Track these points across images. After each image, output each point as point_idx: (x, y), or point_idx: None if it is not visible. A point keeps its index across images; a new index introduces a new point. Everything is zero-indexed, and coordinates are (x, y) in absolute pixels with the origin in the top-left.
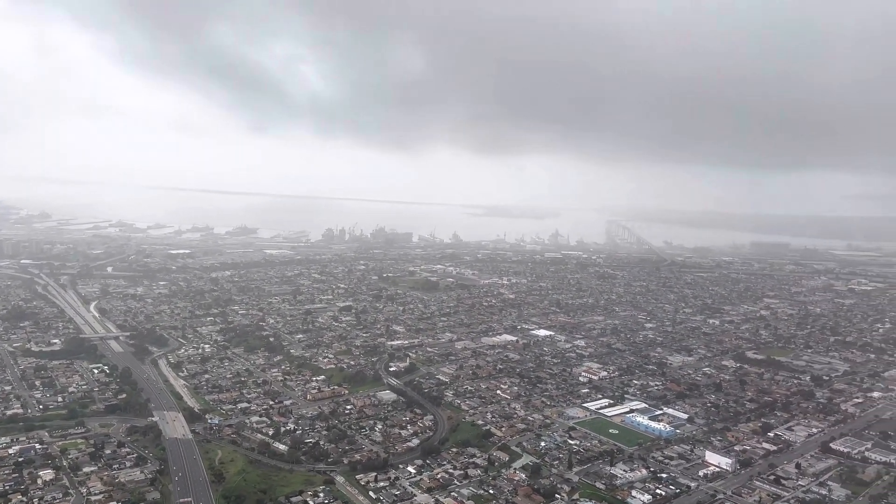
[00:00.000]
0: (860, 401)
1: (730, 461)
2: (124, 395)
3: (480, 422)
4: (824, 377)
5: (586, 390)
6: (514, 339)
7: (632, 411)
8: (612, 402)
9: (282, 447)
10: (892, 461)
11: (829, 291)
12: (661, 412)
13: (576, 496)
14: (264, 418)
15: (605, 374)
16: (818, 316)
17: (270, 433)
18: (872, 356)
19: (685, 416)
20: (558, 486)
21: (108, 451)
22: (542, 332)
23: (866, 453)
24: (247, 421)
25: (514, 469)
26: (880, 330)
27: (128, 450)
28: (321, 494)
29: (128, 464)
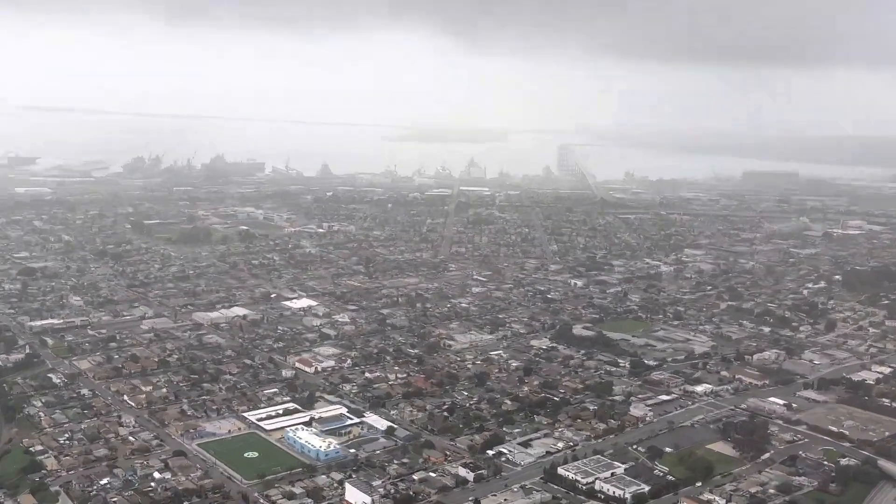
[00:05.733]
0: (668, 398)
1: (369, 500)
2: None
3: (40, 447)
4: (651, 363)
5: (275, 390)
6: (246, 313)
7: (311, 420)
8: (298, 406)
9: None
10: (626, 496)
11: (796, 238)
12: (357, 421)
13: None
14: None
15: (331, 363)
16: (740, 273)
17: None
18: (766, 330)
19: (384, 426)
20: None
21: None
22: (301, 304)
23: (599, 484)
24: None
25: None
26: (804, 292)
27: None
28: None
29: None
